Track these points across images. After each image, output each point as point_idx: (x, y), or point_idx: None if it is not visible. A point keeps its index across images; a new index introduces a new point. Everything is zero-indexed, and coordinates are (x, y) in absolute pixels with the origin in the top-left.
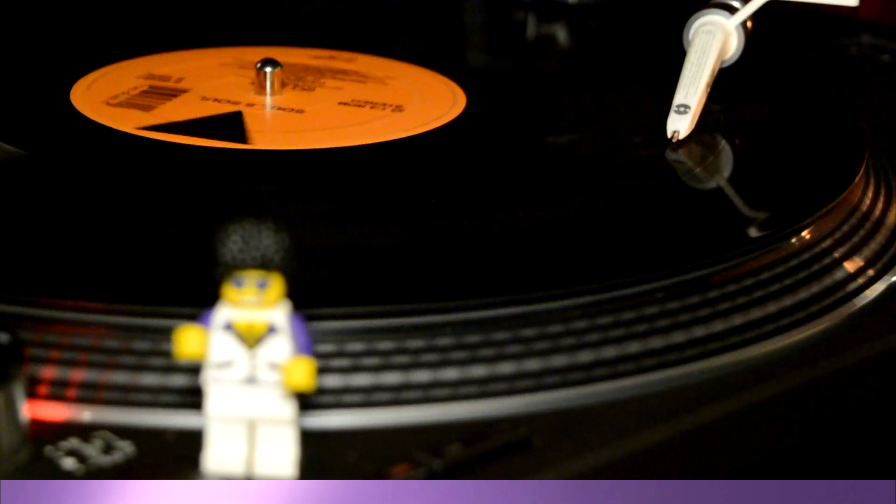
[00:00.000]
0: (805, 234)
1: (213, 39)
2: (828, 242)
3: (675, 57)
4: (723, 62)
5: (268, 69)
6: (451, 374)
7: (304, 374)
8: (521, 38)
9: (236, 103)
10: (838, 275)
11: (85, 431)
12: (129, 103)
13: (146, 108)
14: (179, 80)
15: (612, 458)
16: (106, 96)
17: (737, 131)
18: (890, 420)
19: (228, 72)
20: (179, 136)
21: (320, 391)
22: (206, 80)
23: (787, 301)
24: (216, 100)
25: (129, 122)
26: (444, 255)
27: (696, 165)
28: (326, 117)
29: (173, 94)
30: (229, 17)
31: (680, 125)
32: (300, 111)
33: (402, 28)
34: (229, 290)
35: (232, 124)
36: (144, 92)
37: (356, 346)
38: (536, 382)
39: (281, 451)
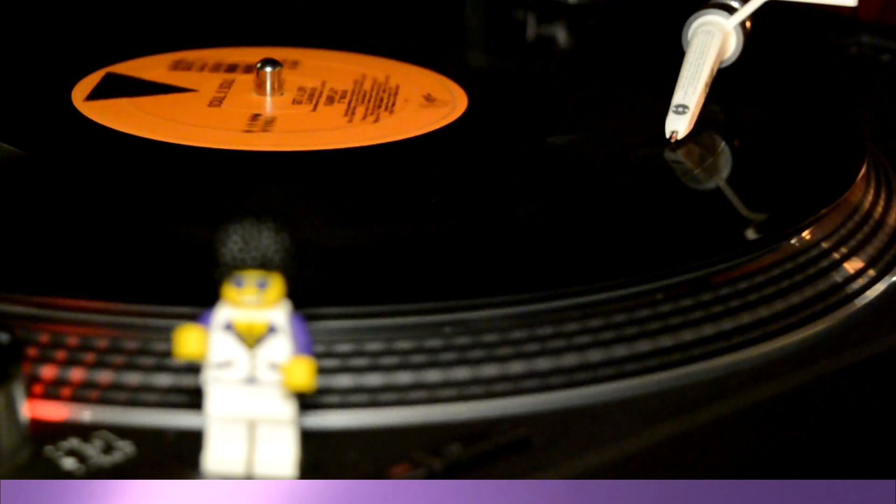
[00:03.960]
0: (805, 234)
1: (214, 40)
2: (828, 243)
3: (674, 57)
4: (722, 62)
5: (268, 69)
6: (450, 374)
7: (304, 374)
8: (521, 38)
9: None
10: (839, 275)
11: (85, 431)
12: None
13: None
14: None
15: (612, 458)
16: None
17: (736, 132)
18: (890, 420)
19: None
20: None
21: (320, 391)
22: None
23: (788, 301)
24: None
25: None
26: (443, 255)
27: (695, 166)
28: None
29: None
30: (228, 18)
31: (678, 125)
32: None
33: (403, 28)
34: (229, 290)
35: None
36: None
37: (356, 347)
38: (536, 383)
39: (281, 451)
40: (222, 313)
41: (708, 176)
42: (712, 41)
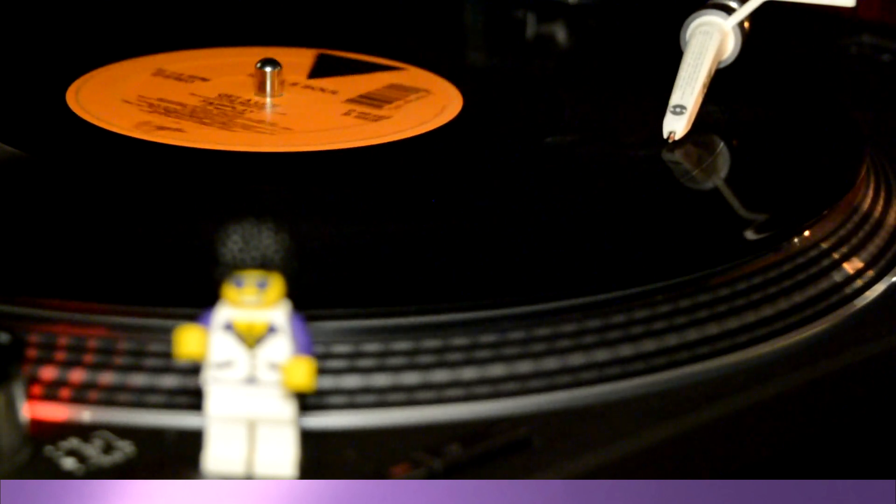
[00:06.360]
0: (805, 234)
1: (214, 40)
2: (828, 243)
3: (673, 57)
4: (720, 63)
5: (268, 69)
6: (451, 374)
7: (304, 374)
8: (521, 37)
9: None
10: (838, 276)
11: (85, 431)
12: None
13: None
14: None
15: (612, 458)
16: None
17: (735, 132)
18: (890, 420)
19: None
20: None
21: (320, 391)
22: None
23: (788, 302)
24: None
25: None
26: (443, 255)
27: (693, 167)
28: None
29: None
30: (227, 17)
31: (676, 126)
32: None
33: (401, 28)
34: (229, 290)
35: None
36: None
37: (356, 347)
38: (536, 383)
39: (281, 451)
40: (222, 313)
41: (706, 176)
42: (710, 41)
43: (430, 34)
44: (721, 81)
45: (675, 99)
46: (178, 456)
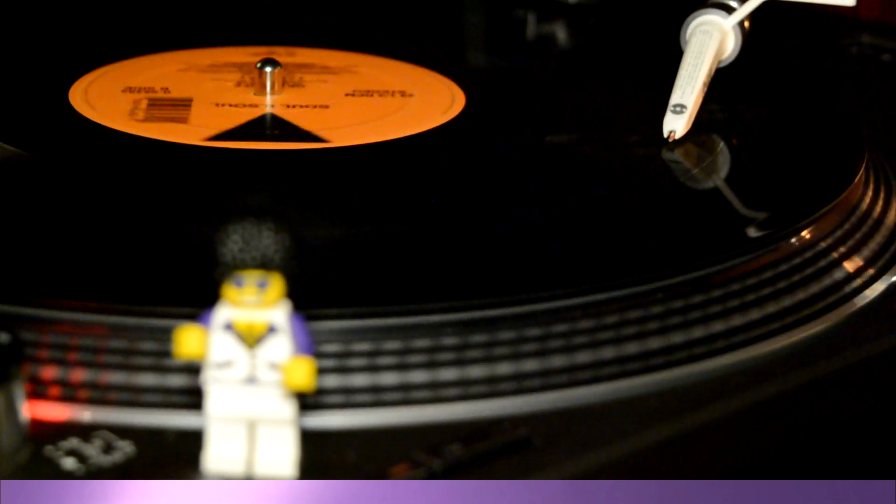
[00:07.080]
0: (805, 233)
1: (210, 39)
2: (827, 242)
3: (673, 56)
4: (720, 62)
5: (268, 69)
6: (451, 374)
7: (304, 373)
8: (521, 37)
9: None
10: (838, 275)
11: (85, 431)
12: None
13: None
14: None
15: (612, 458)
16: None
17: (735, 131)
18: (890, 420)
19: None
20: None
21: (320, 391)
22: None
23: (787, 301)
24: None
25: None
26: (444, 254)
27: (693, 166)
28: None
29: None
30: (229, 17)
31: (676, 125)
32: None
33: (402, 27)
34: (229, 290)
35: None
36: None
37: (356, 346)
38: (537, 382)
39: (281, 451)
40: (222, 313)
41: (706, 175)
42: (710, 41)
43: (432, 33)
44: (721, 81)
45: (675, 98)
46: (178, 456)
